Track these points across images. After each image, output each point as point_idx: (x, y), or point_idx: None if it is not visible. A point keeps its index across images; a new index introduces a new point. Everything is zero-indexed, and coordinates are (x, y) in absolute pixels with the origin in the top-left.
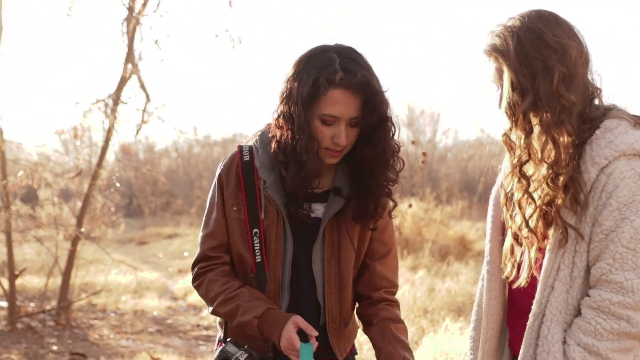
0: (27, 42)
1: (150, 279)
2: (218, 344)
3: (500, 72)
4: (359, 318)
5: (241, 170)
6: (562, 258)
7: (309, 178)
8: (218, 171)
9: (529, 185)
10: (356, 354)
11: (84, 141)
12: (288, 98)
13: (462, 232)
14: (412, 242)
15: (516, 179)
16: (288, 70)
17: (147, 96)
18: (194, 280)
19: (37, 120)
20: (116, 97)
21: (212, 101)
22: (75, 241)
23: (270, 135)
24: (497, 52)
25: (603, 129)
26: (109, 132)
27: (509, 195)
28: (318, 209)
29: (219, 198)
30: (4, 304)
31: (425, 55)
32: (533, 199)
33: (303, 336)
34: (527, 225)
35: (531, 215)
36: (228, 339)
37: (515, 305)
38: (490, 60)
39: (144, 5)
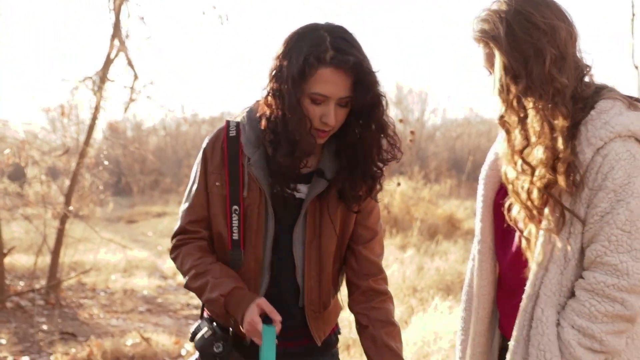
0: (13, 19)
1: (140, 258)
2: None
3: (491, 57)
4: (352, 312)
5: (226, 145)
6: (556, 239)
7: (301, 157)
8: (204, 145)
9: (533, 171)
10: (339, 333)
11: (71, 119)
12: (278, 76)
13: (451, 211)
14: (400, 221)
15: (515, 164)
16: (278, 47)
17: (135, 74)
18: (171, 252)
19: (24, 98)
20: (103, 75)
21: (204, 87)
22: (63, 220)
23: (258, 115)
24: (488, 37)
25: (598, 110)
26: (96, 110)
27: (514, 184)
28: (302, 190)
29: (202, 172)
30: None
31: (419, 44)
32: (532, 180)
33: (267, 319)
34: (531, 204)
35: (530, 194)
36: (205, 316)
37: (503, 286)
38: (480, 45)
39: None
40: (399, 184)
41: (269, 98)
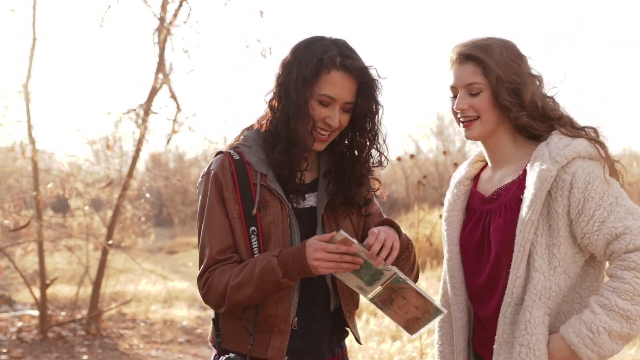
0: (59, 53)
1: (180, 289)
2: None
3: (477, 74)
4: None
5: (234, 168)
6: (535, 251)
7: (298, 154)
8: (207, 176)
9: None
10: None
11: (115, 151)
12: (286, 80)
13: None
14: (441, 252)
15: None
16: (285, 55)
17: (178, 106)
18: (202, 287)
19: (69, 130)
20: (147, 107)
21: (242, 113)
22: (105, 251)
23: (260, 121)
24: (479, 51)
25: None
26: (139, 142)
27: None
28: (311, 199)
29: (218, 199)
30: (36, 312)
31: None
32: None
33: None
34: None
35: None
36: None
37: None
38: (466, 64)
39: (175, 15)
40: (441, 216)
41: (274, 101)
